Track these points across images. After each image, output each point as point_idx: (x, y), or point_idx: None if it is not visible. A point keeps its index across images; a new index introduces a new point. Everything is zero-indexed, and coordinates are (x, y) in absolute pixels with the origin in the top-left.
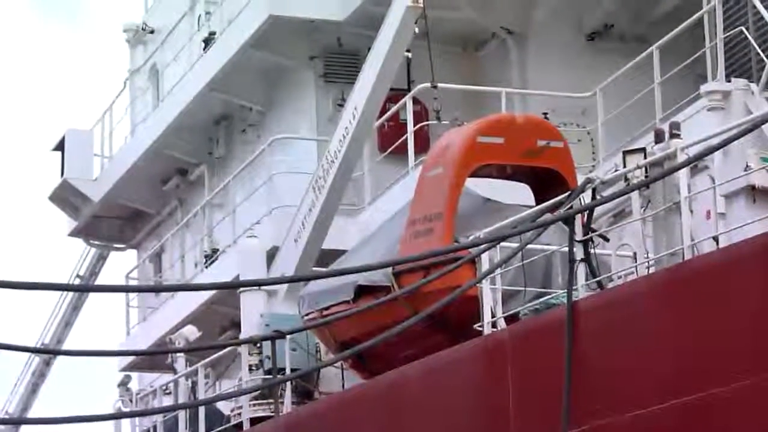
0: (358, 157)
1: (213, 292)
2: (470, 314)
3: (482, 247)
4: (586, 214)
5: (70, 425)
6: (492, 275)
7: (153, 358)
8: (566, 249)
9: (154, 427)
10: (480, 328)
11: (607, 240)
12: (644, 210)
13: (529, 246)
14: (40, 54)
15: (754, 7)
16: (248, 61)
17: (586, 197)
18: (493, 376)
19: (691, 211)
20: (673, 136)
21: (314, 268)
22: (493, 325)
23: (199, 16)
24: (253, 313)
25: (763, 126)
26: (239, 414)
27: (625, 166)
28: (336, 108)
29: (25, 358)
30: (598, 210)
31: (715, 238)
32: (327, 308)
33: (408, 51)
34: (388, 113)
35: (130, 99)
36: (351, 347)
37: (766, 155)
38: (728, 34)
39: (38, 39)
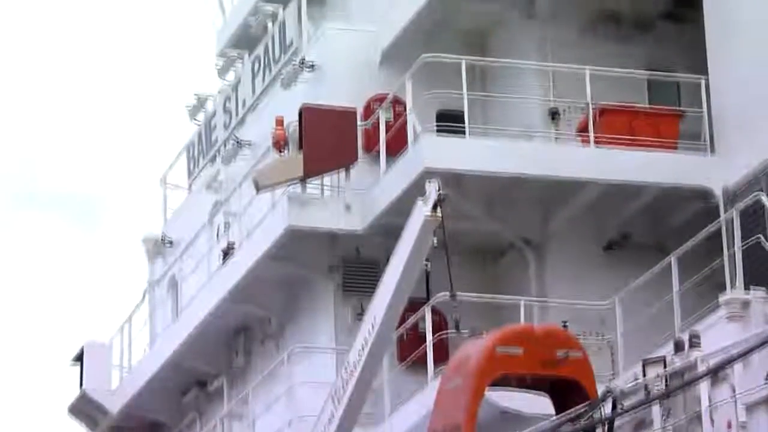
0: (377, 368)
1: None
2: None
3: None
4: (606, 424)
5: None
6: None
7: None
8: None
9: None
10: None
11: None
12: (665, 420)
13: None
14: (58, 266)
15: None
16: (267, 271)
17: (607, 407)
18: None
19: (712, 421)
20: (692, 345)
21: None
22: None
23: (218, 227)
24: None
25: None
26: None
27: (645, 376)
28: (355, 318)
29: None
30: (618, 419)
31: None
32: None
33: (427, 261)
34: (407, 323)
35: (149, 310)
36: None
37: None
38: (746, 242)
39: (57, 251)
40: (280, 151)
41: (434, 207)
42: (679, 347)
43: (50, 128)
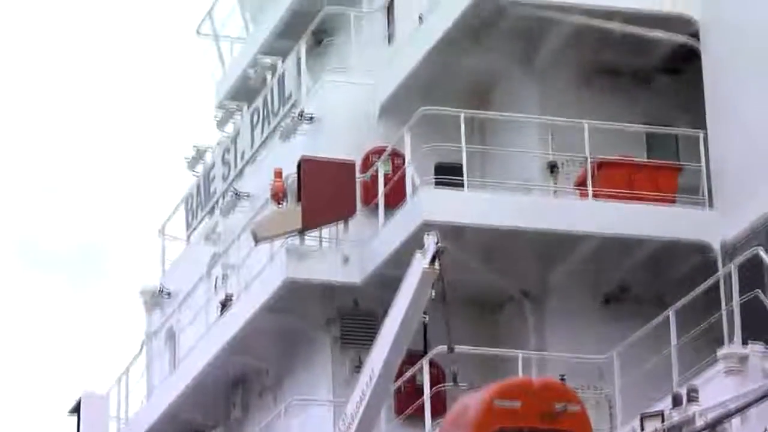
0: (375, 421)
1: None
2: None
3: None
4: None
5: None
6: None
7: None
8: None
9: None
10: None
11: None
12: None
13: None
14: (56, 317)
15: None
16: (265, 323)
17: None
18: None
19: None
20: (690, 399)
21: None
22: None
23: (216, 279)
24: None
25: None
26: None
27: (643, 430)
28: (353, 371)
29: None
30: None
31: None
32: None
33: (425, 314)
34: (405, 376)
35: (146, 362)
36: None
37: None
38: (744, 297)
39: (55, 302)
40: (279, 203)
41: (433, 259)
42: (677, 401)
43: (48, 179)
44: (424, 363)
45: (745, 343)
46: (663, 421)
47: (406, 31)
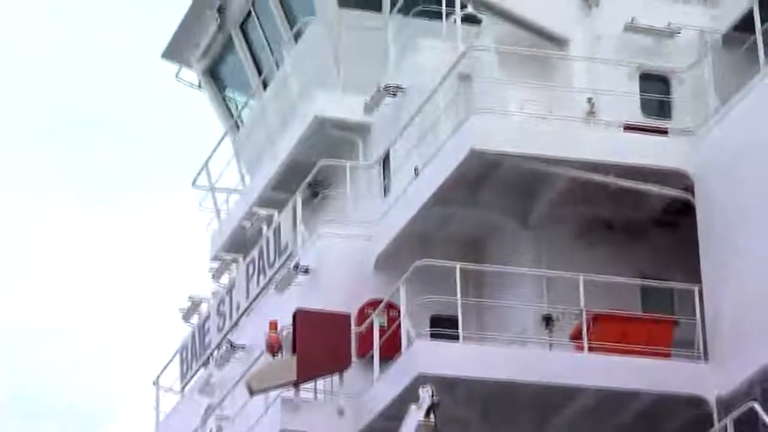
0: None
1: None
2: None
3: None
4: None
5: None
6: None
7: None
8: None
9: None
10: None
11: None
12: None
13: None
14: None
15: (765, 424)
16: None
17: None
18: None
19: None
20: None
21: None
22: None
23: (211, 430)
24: None
25: None
26: None
27: None
28: None
29: None
30: None
31: None
32: None
33: None
34: None
35: None
36: None
37: None
38: None
39: None
40: (274, 355)
41: (428, 412)
42: None
43: (38, 334)
44: None
45: None
46: None
47: (402, 183)
